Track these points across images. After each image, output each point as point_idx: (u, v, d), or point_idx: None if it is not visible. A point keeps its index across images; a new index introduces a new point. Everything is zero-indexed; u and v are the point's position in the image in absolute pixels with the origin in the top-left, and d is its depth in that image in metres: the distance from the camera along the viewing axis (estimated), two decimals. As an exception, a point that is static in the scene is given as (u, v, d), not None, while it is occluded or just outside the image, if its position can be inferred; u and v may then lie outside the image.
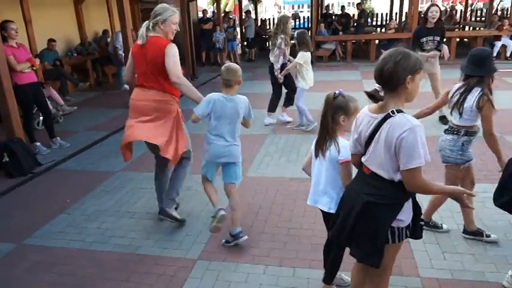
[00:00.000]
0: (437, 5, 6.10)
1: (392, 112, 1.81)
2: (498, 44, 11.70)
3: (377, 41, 13.51)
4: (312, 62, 6.24)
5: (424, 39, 5.84)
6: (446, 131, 3.07)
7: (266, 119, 6.57)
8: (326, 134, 2.28)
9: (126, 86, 9.18)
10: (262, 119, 6.46)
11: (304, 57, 5.92)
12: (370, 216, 1.90)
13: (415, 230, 2.03)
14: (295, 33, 6.12)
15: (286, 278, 2.81)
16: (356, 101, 2.26)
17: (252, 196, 4.07)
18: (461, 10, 19.21)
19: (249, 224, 3.54)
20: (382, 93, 1.89)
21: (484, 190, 3.93)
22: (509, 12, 14.73)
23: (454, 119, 2.99)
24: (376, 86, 1.89)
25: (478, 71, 2.87)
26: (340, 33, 14.24)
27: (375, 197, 1.88)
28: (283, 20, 6.27)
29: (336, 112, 2.24)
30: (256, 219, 3.62)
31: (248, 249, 3.17)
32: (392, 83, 1.82)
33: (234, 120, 3.11)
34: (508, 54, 11.85)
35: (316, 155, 2.39)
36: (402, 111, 1.82)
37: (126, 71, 3.62)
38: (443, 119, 6.06)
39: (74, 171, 5.02)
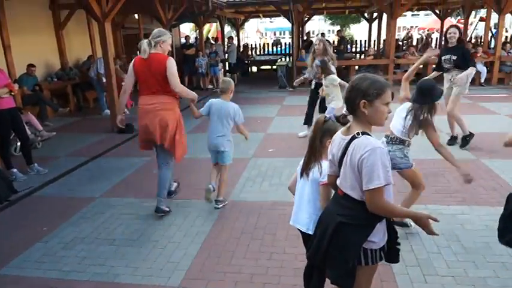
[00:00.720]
0: (456, 26, 6.38)
1: (357, 134, 1.87)
2: (480, 66, 12.15)
3: (356, 67, 13.88)
4: None
5: (443, 58, 6.05)
6: (389, 143, 3.55)
7: (301, 133, 7.11)
8: (313, 155, 2.33)
9: (107, 112, 9.14)
10: (243, 143, 6.48)
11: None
12: (342, 237, 1.93)
13: (391, 253, 2.06)
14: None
15: (268, 304, 2.77)
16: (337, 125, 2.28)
17: (234, 221, 4.04)
18: (436, 38, 19.93)
19: (231, 249, 3.50)
20: (349, 117, 1.99)
21: (462, 212, 4.02)
22: (482, 40, 15.35)
23: (397, 132, 3.51)
24: (344, 111, 1.99)
25: (421, 100, 3.40)
26: (321, 59, 14.54)
27: (347, 217, 1.91)
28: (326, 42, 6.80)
29: (323, 135, 2.27)
30: (238, 245, 3.58)
31: (230, 275, 3.12)
32: (350, 106, 1.93)
33: (227, 119, 4.16)
34: (482, 81, 12.29)
35: (301, 175, 2.44)
36: (367, 133, 1.88)
37: (126, 81, 4.18)
38: (452, 140, 6.27)
39: (52, 198, 4.91)
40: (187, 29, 24.41)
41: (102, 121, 8.70)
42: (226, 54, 15.94)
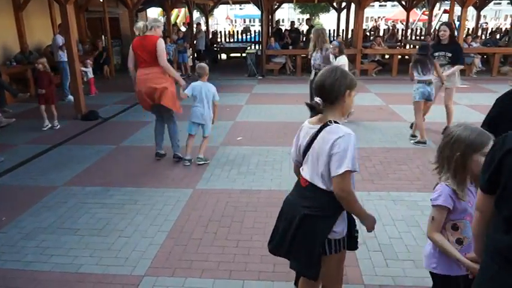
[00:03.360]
0: (447, 23, 6.47)
1: (330, 122, 1.93)
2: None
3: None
4: None
5: (436, 54, 6.16)
6: None
7: None
8: None
9: (71, 97, 8.83)
10: (212, 131, 6.45)
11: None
12: (308, 229, 1.97)
13: (350, 241, 2.15)
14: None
15: (235, 291, 2.80)
16: None
17: (202, 209, 4.02)
18: (402, 29, 20.37)
19: (198, 237, 3.49)
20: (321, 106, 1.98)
21: (423, 199, 4.17)
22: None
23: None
24: (317, 99, 1.98)
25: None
26: (290, 47, 14.60)
27: (311, 209, 1.96)
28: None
29: None
30: (205, 232, 3.57)
31: (197, 263, 3.12)
32: (332, 96, 1.94)
33: (207, 97, 5.10)
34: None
35: None
36: (338, 123, 1.94)
37: (129, 59, 5.15)
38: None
39: (11, 187, 4.72)
40: (154, 14, 23.83)
41: (65, 107, 8.39)
42: (194, 41, 15.68)
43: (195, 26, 16.33)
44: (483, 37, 17.44)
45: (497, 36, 16.58)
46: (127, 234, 3.56)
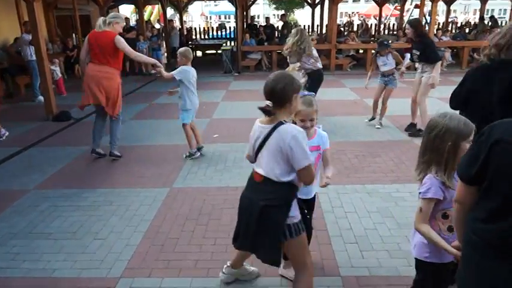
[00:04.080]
0: (409, 22, 6.37)
1: (284, 121, 2.14)
2: (408, 56, 12.75)
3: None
4: None
5: (413, 51, 6.23)
6: None
7: None
8: None
9: (41, 98, 8.60)
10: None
11: None
12: (268, 218, 2.13)
13: (306, 223, 2.35)
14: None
15: (213, 288, 2.79)
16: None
17: (179, 208, 3.99)
18: (375, 24, 20.67)
19: (175, 237, 3.46)
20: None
21: (397, 190, 4.25)
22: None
23: None
24: (267, 102, 2.15)
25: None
26: (266, 43, 14.60)
27: (268, 200, 2.12)
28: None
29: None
30: (182, 231, 3.55)
31: (174, 262, 3.10)
32: (283, 100, 2.13)
33: (195, 82, 5.25)
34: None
35: None
36: (288, 122, 2.17)
37: (82, 51, 5.20)
38: (410, 127, 6.40)
39: (-20, 191, 4.57)
40: (127, 11, 23.41)
41: (35, 108, 8.17)
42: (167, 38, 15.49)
43: (167, 22, 16.13)
44: (453, 31, 17.85)
45: (466, 30, 17.04)
46: (102, 236, 3.50)
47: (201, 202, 4.12)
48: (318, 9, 18.85)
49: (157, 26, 17.55)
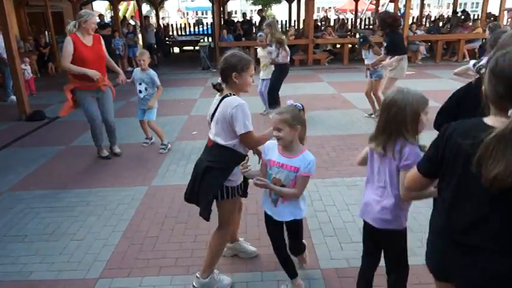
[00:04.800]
0: (380, 14, 6.54)
1: (229, 94, 2.44)
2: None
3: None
4: None
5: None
6: None
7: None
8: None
9: (13, 98, 8.36)
10: (167, 126, 6.33)
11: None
12: (207, 178, 2.46)
13: (244, 189, 2.72)
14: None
15: (193, 286, 2.78)
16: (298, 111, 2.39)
17: (158, 206, 3.95)
18: (351, 19, 20.86)
19: (154, 235, 3.43)
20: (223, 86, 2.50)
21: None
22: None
23: None
24: (219, 80, 2.51)
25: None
26: (243, 39, 14.56)
27: (213, 162, 2.46)
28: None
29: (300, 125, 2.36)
30: (162, 230, 3.52)
31: (154, 261, 3.07)
32: (224, 76, 2.47)
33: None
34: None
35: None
36: (235, 95, 2.45)
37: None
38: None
39: (-50, 195, 4.42)
40: (102, 7, 22.95)
41: (7, 108, 7.94)
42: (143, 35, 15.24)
43: (143, 19, 15.87)
44: (427, 25, 18.19)
45: (440, 24, 17.39)
46: (79, 237, 3.44)
47: (180, 199, 4.05)
48: (294, 4, 18.89)
49: (132, 22, 17.24)
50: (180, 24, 21.44)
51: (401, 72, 6.44)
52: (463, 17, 15.58)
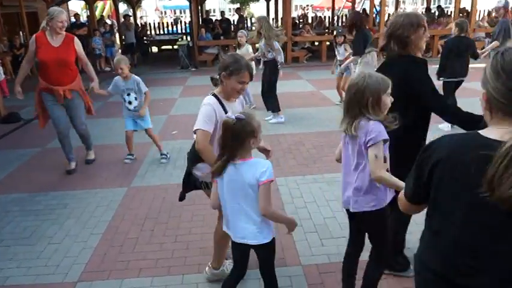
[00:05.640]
0: (349, 13, 6.67)
1: (211, 93, 2.47)
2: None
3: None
4: None
5: None
6: None
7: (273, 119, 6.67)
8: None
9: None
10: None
11: None
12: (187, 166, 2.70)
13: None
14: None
15: (174, 285, 2.77)
16: (255, 115, 2.09)
17: (138, 207, 3.92)
18: (328, 16, 21.02)
19: (134, 236, 3.40)
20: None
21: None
22: (368, 17, 16.55)
23: None
24: (216, 76, 2.55)
25: None
26: (222, 37, 14.51)
27: (188, 154, 2.69)
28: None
29: (243, 138, 2.03)
30: (142, 231, 3.48)
31: (134, 263, 3.04)
32: (218, 74, 2.47)
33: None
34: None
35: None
36: (215, 94, 2.46)
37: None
38: None
39: None
40: (78, 7, 22.50)
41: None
42: (123, 35, 15.04)
43: (122, 18, 15.65)
44: (403, 22, 18.45)
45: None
46: (57, 240, 3.38)
47: (160, 200, 4.06)
48: (272, 2, 18.93)
49: (108, 22, 16.97)
50: (158, 23, 21.21)
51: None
52: (437, 13, 15.90)
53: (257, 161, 2.08)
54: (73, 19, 14.50)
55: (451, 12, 16.58)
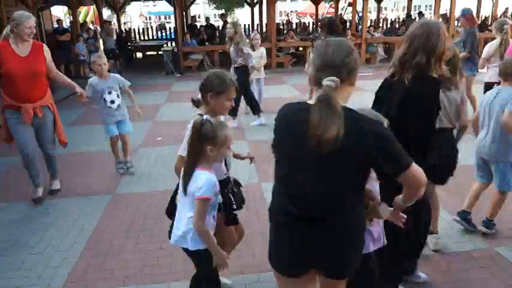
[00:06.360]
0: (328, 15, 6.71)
1: (199, 114, 2.28)
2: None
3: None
4: None
5: None
6: None
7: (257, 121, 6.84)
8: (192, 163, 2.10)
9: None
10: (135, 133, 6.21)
11: None
12: None
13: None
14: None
15: (159, 294, 2.75)
16: (226, 129, 2.09)
17: (122, 215, 3.87)
18: (312, 22, 21.22)
19: (118, 245, 3.36)
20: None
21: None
22: (351, 24, 16.78)
23: None
24: (199, 97, 2.40)
25: None
26: (207, 43, 14.51)
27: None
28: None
29: (203, 141, 2.03)
30: (126, 239, 3.45)
31: (118, 271, 3.01)
32: (202, 93, 2.35)
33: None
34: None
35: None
36: (202, 115, 2.20)
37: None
38: None
39: None
40: (60, 12, 22.24)
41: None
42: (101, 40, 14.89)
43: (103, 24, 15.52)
44: (384, 27, 18.77)
45: (396, 26, 18.01)
46: (38, 250, 3.31)
47: (145, 207, 4.03)
48: (257, 8, 19.02)
49: (92, 27, 16.82)
50: (143, 29, 21.11)
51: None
52: (417, 19, 16.20)
53: (200, 174, 2.05)
54: (56, 25, 14.32)
55: (432, 18, 16.93)
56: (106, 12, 20.84)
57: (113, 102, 4.59)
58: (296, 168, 1.66)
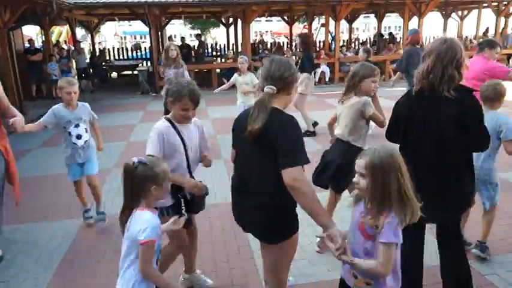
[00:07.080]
0: (301, 34, 7.15)
1: (164, 117, 2.62)
2: (318, 71, 13.54)
3: (218, 70, 14.24)
4: None
5: None
6: None
7: None
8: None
9: None
10: (102, 153, 6.10)
11: None
12: None
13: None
14: None
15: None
16: (161, 164, 2.04)
17: (95, 238, 3.78)
18: (287, 42, 21.63)
19: (92, 268, 3.26)
20: None
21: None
22: (324, 44, 17.18)
23: None
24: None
25: None
26: (182, 63, 14.53)
27: None
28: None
29: (144, 183, 1.96)
30: (101, 262, 3.35)
31: (91, 297, 2.91)
32: (166, 102, 2.65)
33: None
34: (326, 79, 13.78)
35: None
36: (168, 118, 2.59)
37: None
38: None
39: None
40: (33, 32, 21.90)
41: None
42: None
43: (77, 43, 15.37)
44: (356, 47, 19.31)
45: (368, 45, 18.57)
46: (5, 278, 3.18)
47: (119, 229, 3.92)
48: (232, 28, 19.27)
49: (65, 47, 16.62)
50: (118, 49, 21.00)
51: (309, 89, 7.10)
52: (388, 39, 16.76)
53: (142, 214, 1.93)
54: (27, 44, 14.07)
55: (400, 38, 17.54)
56: (80, 32, 20.67)
57: (79, 137, 3.81)
58: (240, 155, 2.22)
